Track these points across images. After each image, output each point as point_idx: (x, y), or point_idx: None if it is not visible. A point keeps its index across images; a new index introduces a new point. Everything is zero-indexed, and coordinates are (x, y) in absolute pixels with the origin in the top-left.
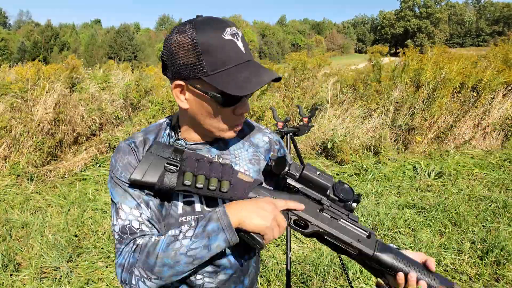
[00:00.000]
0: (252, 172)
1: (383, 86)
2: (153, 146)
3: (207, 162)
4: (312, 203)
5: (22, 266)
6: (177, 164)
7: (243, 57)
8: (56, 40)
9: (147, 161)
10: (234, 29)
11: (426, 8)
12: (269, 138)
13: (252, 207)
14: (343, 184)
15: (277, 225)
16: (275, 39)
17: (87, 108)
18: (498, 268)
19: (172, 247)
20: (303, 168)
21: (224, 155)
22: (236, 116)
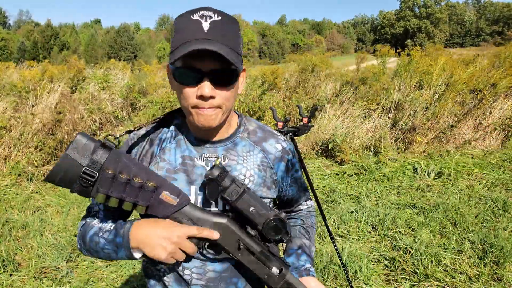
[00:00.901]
0: (258, 178)
1: (383, 85)
2: (71, 146)
3: (123, 183)
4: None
5: (22, 266)
6: (91, 179)
7: (201, 35)
8: (56, 40)
9: (63, 164)
10: (208, 13)
11: (426, 8)
12: (282, 146)
13: (154, 236)
14: (276, 223)
15: (180, 251)
16: (275, 39)
17: (87, 108)
18: (498, 268)
19: (94, 239)
20: (238, 197)
21: (231, 156)
22: (196, 99)
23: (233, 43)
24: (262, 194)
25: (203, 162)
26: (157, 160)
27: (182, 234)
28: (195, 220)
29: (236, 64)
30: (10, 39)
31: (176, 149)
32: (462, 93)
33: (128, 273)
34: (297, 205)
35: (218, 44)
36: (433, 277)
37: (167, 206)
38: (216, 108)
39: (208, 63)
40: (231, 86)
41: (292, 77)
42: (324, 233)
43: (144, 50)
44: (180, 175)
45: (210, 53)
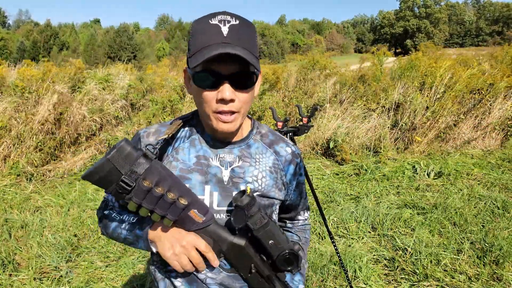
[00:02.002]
0: (269, 179)
1: (384, 85)
2: (115, 152)
3: (157, 197)
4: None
5: (21, 266)
6: (128, 188)
7: (221, 39)
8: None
9: (103, 168)
10: (226, 17)
11: (425, 8)
12: (292, 150)
13: (168, 234)
14: (289, 256)
15: (186, 258)
16: (275, 39)
17: (88, 108)
18: (497, 268)
19: (116, 231)
20: (261, 228)
21: (245, 157)
22: (217, 103)
23: (251, 47)
24: (274, 195)
25: (218, 162)
26: (169, 160)
27: (192, 242)
28: (216, 238)
29: (256, 66)
30: (10, 39)
31: (190, 149)
32: (462, 93)
33: (127, 273)
34: (296, 214)
35: (238, 48)
36: (432, 277)
37: (193, 222)
38: (235, 113)
39: (228, 66)
40: (251, 89)
41: (292, 77)
42: (324, 233)
43: (144, 50)
44: (195, 175)
45: (231, 56)
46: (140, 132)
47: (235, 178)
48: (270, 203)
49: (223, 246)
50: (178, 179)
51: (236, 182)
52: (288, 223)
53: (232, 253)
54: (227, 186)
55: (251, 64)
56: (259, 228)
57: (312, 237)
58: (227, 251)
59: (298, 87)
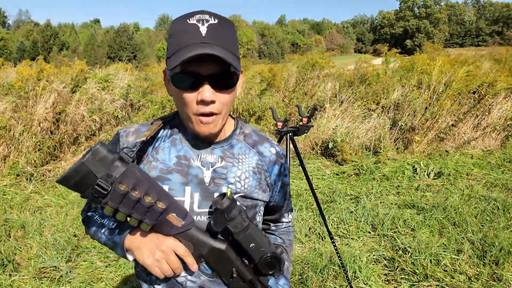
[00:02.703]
0: (253, 180)
1: (383, 86)
2: (90, 156)
3: (134, 201)
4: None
5: (21, 266)
6: (104, 192)
7: (199, 39)
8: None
9: (78, 172)
10: (204, 16)
11: (425, 8)
12: (276, 150)
13: (146, 241)
14: (271, 260)
15: (166, 264)
16: (275, 39)
17: (88, 108)
18: (497, 268)
19: (96, 234)
20: (241, 231)
21: (227, 157)
22: (197, 105)
23: (231, 46)
24: (257, 196)
25: (199, 162)
26: (149, 159)
27: (171, 246)
28: (195, 242)
29: (236, 67)
30: (10, 39)
31: (170, 149)
32: (461, 93)
33: (127, 273)
34: (280, 216)
35: (217, 48)
36: (432, 277)
37: (172, 226)
38: (216, 114)
39: (207, 67)
40: (231, 89)
41: (292, 77)
42: (324, 233)
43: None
44: (175, 176)
45: (210, 57)
46: (120, 131)
47: (217, 179)
48: (253, 204)
49: (203, 250)
50: (156, 182)
51: (218, 183)
52: (272, 226)
53: (213, 257)
54: (208, 187)
55: (231, 65)
56: (240, 231)
57: (312, 237)
58: (207, 255)
59: (298, 87)
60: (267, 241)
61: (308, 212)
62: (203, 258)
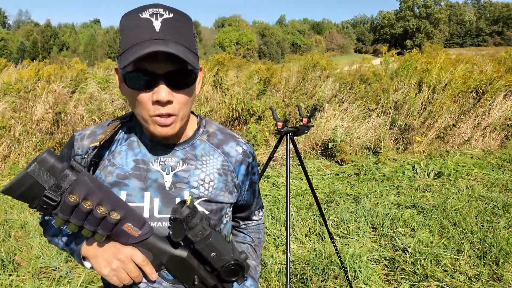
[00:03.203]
0: (218, 182)
1: (383, 86)
2: (35, 165)
3: (85, 212)
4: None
5: (21, 266)
6: (53, 204)
7: (153, 35)
8: (55, 40)
9: (23, 183)
10: (158, 10)
11: (425, 8)
12: (243, 149)
13: (102, 250)
14: (234, 267)
15: (125, 273)
16: (275, 39)
17: (87, 108)
18: (497, 268)
19: (54, 240)
20: (201, 240)
21: (190, 160)
22: (153, 105)
23: (188, 42)
24: (223, 199)
25: (158, 166)
26: (105, 164)
27: (129, 254)
28: (155, 252)
29: (193, 64)
30: (10, 39)
31: (128, 152)
32: (460, 92)
33: None
34: (249, 213)
35: (172, 44)
36: (432, 277)
37: (129, 236)
38: (173, 116)
39: (162, 65)
40: (189, 88)
41: (292, 77)
42: (324, 233)
43: None
44: (132, 181)
45: (165, 54)
46: (75, 134)
47: (178, 183)
48: (219, 207)
49: (163, 259)
50: (110, 191)
51: (180, 187)
52: (242, 224)
53: (173, 265)
54: (169, 192)
55: (187, 62)
56: (200, 240)
57: (312, 237)
58: (168, 263)
59: (298, 87)
60: (230, 248)
61: (308, 212)
62: (163, 266)
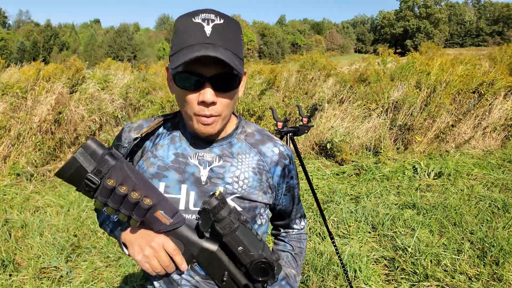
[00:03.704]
0: (252, 180)
1: (383, 86)
2: (80, 150)
3: (121, 196)
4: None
5: (21, 266)
6: (94, 186)
7: (204, 40)
8: (55, 40)
9: (70, 166)
10: (210, 16)
11: (425, 8)
12: (279, 150)
13: (138, 236)
14: (263, 265)
15: (156, 261)
16: (275, 39)
17: (87, 108)
18: (498, 268)
19: (103, 226)
20: (229, 233)
21: (226, 157)
22: (198, 105)
23: (235, 48)
24: (257, 198)
25: (196, 160)
26: (148, 156)
27: (161, 242)
28: (185, 242)
29: (239, 69)
30: (10, 39)
31: (169, 146)
32: (460, 92)
33: (127, 273)
34: (289, 221)
35: (221, 49)
36: (433, 277)
37: (161, 224)
38: (216, 116)
39: (210, 68)
40: (233, 91)
41: (292, 77)
42: (324, 233)
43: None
44: (171, 173)
45: (213, 58)
46: (125, 126)
47: (213, 178)
48: (252, 206)
49: (194, 251)
50: (146, 179)
51: (215, 182)
52: (282, 232)
53: (204, 259)
54: (204, 186)
55: (233, 67)
56: (228, 233)
57: (312, 237)
58: (198, 256)
59: (298, 87)
60: (260, 246)
61: (308, 212)
62: (194, 258)
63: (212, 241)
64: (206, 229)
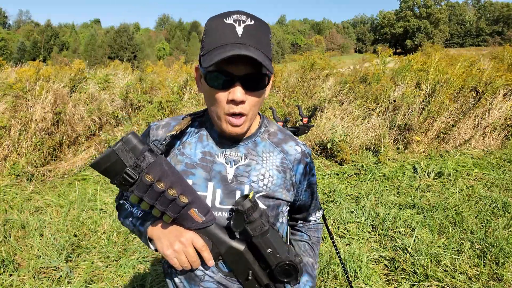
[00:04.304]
0: (277, 178)
1: (384, 86)
2: (121, 144)
3: (158, 192)
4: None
5: (21, 266)
6: (131, 181)
7: (235, 40)
8: (55, 40)
9: (109, 159)
10: (241, 17)
11: (426, 8)
12: (301, 149)
13: (167, 232)
14: (288, 267)
15: (185, 256)
16: (275, 39)
17: (87, 108)
18: (498, 268)
19: (125, 222)
20: (260, 235)
21: (251, 155)
22: (227, 104)
23: (265, 48)
24: (281, 196)
25: (223, 159)
26: (175, 153)
27: (190, 238)
28: (214, 240)
29: (269, 69)
30: (10, 39)
31: (197, 144)
32: (459, 91)
33: (127, 273)
34: (307, 215)
35: (252, 49)
36: (433, 277)
37: (193, 221)
38: (244, 115)
39: (241, 67)
40: (262, 91)
41: (292, 77)
42: (324, 233)
43: (144, 50)
44: (199, 171)
45: (245, 58)
46: (151, 124)
47: (239, 177)
48: (276, 204)
49: (222, 249)
50: (182, 176)
51: (241, 180)
52: (300, 223)
53: (230, 257)
54: (230, 184)
55: (264, 66)
56: (258, 235)
57: None
58: (225, 254)
59: (298, 87)
60: (286, 248)
61: None
62: (220, 256)
63: (239, 240)
64: (240, 229)
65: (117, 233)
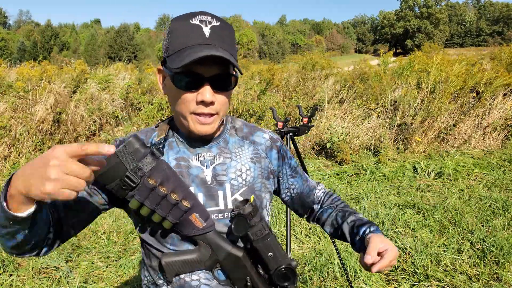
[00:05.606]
0: (254, 170)
1: (384, 85)
2: (122, 147)
3: (160, 196)
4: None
5: (21, 266)
6: (132, 185)
7: (203, 40)
8: (56, 40)
9: (109, 162)
10: (207, 18)
11: (426, 8)
12: (269, 136)
13: (29, 168)
14: (286, 272)
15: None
16: (275, 39)
17: (87, 108)
18: (498, 268)
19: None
20: (261, 239)
21: (225, 153)
22: (196, 105)
23: (231, 49)
24: (260, 186)
25: (198, 162)
26: None
27: (62, 151)
28: (214, 246)
29: (239, 70)
30: (10, 39)
31: (168, 152)
32: (459, 92)
33: (127, 273)
34: (313, 195)
35: (221, 50)
36: (433, 277)
37: (193, 227)
38: (214, 115)
39: (209, 68)
40: (230, 91)
41: (292, 77)
42: (324, 233)
43: (144, 50)
44: None
45: (214, 58)
46: (117, 140)
47: (218, 176)
48: (259, 200)
49: (220, 256)
50: (183, 181)
51: (220, 180)
52: (314, 206)
53: (229, 264)
54: (211, 186)
55: (234, 66)
56: (259, 239)
57: (312, 237)
58: (224, 261)
59: (299, 87)
60: (284, 253)
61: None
62: (219, 263)
63: (237, 247)
64: (242, 234)
65: (117, 233)
